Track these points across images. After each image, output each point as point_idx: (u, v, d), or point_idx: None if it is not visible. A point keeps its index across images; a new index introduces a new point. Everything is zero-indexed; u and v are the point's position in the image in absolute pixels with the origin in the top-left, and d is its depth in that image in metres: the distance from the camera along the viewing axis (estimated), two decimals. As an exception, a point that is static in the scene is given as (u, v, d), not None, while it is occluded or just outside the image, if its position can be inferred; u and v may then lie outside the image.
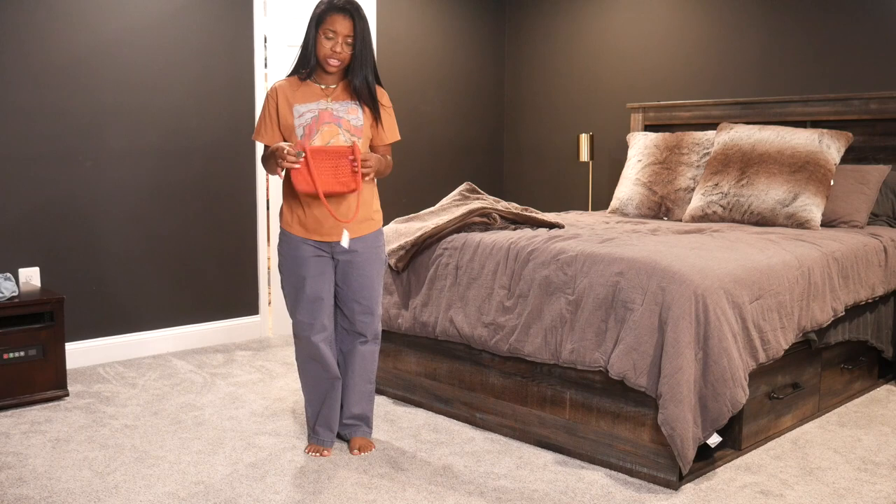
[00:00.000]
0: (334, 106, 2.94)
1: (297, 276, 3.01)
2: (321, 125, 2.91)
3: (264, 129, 2.98)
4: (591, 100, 5.83)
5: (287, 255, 3.03)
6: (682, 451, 2.74)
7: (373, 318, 3.12)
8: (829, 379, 3.67)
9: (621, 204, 4.87)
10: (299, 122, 2.92)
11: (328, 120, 2.92)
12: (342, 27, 2.85)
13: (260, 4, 4.86)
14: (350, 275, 3.04)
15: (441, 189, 4.85)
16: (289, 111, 2.93)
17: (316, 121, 2.91)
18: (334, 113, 2.94)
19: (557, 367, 3.14)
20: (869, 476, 2.94)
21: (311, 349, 3.05)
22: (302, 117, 2.92)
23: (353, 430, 3.19)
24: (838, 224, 4.17)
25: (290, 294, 3.05)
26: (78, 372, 4.19)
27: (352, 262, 3.03)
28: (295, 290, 3.02)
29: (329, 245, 3.01)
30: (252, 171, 4.90)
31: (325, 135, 2.91)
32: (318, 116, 2.92)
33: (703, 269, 2.91)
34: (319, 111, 2.93)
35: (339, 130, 2.93)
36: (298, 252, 3.00)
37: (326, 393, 3.11)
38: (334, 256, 3.03)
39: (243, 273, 4.94)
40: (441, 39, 5.85)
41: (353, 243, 3.01)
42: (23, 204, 4.07)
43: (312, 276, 3.00)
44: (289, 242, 3.02)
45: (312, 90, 2.95)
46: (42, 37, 4.07)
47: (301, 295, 3.01)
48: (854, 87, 4.61)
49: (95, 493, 2.75)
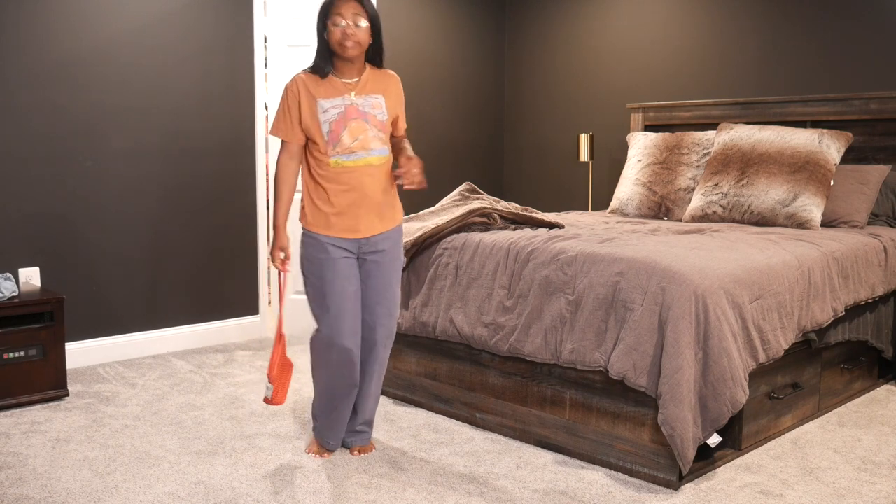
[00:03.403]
0: (359, 101, 2.86)
1: (324, 279, 2.88)
2: (348, 121, 2.84)
3: (283, 123, 2.88)
4: (591, 100, 5.83)
5: (313, 259, 2.90)
6: (682, 451, 2.74)
7: (392, 321, 3.03)
8: (829, 379, 3.67)
9: (621, 204, 4.87)
10: (324, 117, 2.83)
11: (355, 115, 2.85)
12: (347, 8, 2.78)
13: (260, 4, 4.86)
14: (375, 275, 2.95)
15: (441, 189, 4.84)
16: (312, 107, 2.84)
17: (342, 117, 2.83)
18: (360, 108, 2.86)
19: (557, 367, 3.14)
20: (869, 476, 2.94)
21: (343, 354, 2.92)
22: (327, 113, 2.83)
23: (362, 437, 3.13)
24: (838, 224, 4.17)
25: (317, 298, 2.91)
26: (78, 372, 4.19)
27: (379, 263, 2.95)
28: (323, 295, 2.89)
29: (357, 244, 2.91)
30: (252, 170, 4.90)
31: (353, 131, 2.84)
32: (345, 112, 2.84)
33: (703, 269, 2.91)
34: (346, 107, 2.84)
35: (367, 126, 2.86)
36: (326, 254, 2.88)
37: (343, 399, 3.00)
38: (360, 256, 2.94)
39: (243, 273, 4.94)
40: (441, 39, 5.85)
41: (381, 241, 2.94)
42: (23, 204, 4.07)
43: (342, 279, 2.88)
44: (314, 244, 2.90)
45: (335, 85, 2.86)
46: (42, 37, 4.07)
47: (330, 299, 2.87)
48: (854, 87, 4.61)
49: (95, 493, 2.75)
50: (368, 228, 2.90)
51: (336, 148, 2.83)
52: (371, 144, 2.87)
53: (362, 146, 2.85)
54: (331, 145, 2.83)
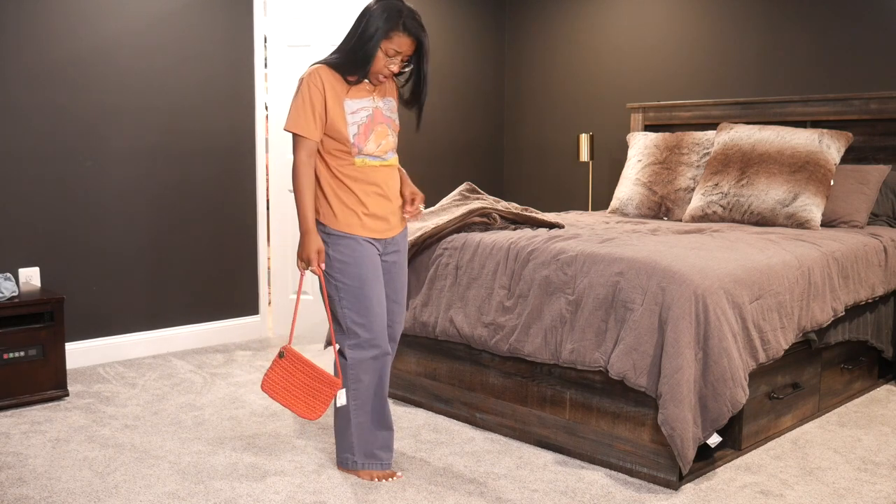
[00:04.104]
0: (381, 105, 2.82)
1: (364, 279, 2.76)
2: (376, 125, 2.78)
3: (305, 119, 2.70)
4: (591, 100, 5.83)
5: (350, 259, 2.75)
6: (682, 451, 2.74)
7: (403, 321, 2.98)
8: (829, 379, 3.67)
9: (621, 204, 4.87)
10: (353, 119, 2.73)
11: (381, 120, 2.80)
12: (408, 48, 2.69)
13: (260, 4, 4.86)
14: (395, 274, 2.90)
15: (441, 189, 4.84)
16: (338, 105, 2.72)
17: (371, 120, 2.77)
18: (384, 113, 2.82)
19: (557, 367, 3.14)
20: (869, 476, 2.94)
21: (386, 358, 2.82)
22: (356, 115, 2.74)
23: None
24: (838, 224, 4.17)
25: (356, 302, 2.76)
26: (78, 372, 4.19)
27: (397, 263, 2.90)
28: (363, 296, 2.76)
29: (383, 243, 2.85)
30: (252, 170, 4.90)
31: (378, 135, 2.78)
32: (374, 116, 2.78)
33: (703, 269, 2.91)
34: (373, 110, 2.78)
35: (389, 132, 2.82)
36: (364, 252, 2.77)
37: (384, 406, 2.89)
38: (382, 257, 2.86)
39: (243, 273, 4.94)
40: (441, 39, 5.85)
41: (400, 240, 2.91)
42: (23, 204, 4.07)
43: (377, 274, 2.80)
44: (350, 244, 2.76)
45: (360, 85, 2.78)
46: (42, 37, 4.07)
47: (371, 300, 2.77)
48: (854, 87, 4.61)
49: (95, 493, 2.75)
50: (394, 227, 2.88)
51: (363, 150, 2.77)
52: (391, 148, 2.85)
53: (384, 150, 2.82)
54: (357, 147, 2.76)
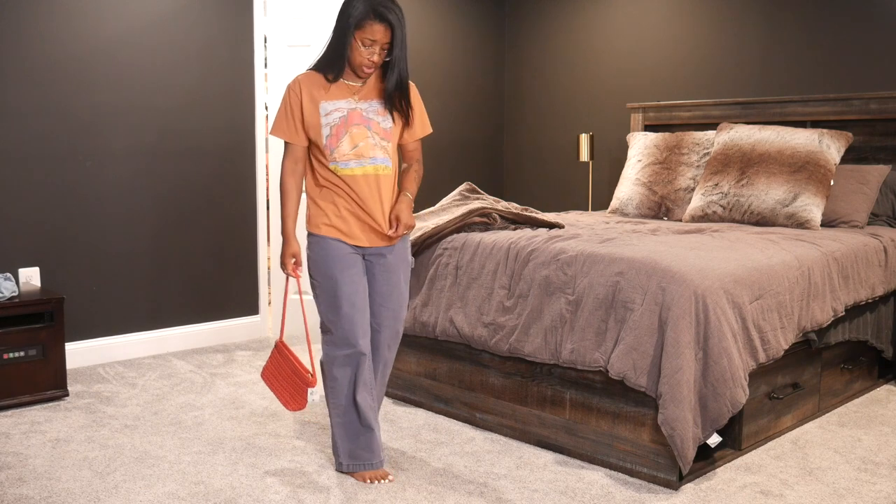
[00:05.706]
0: (363, 106, 2.76)
1: (334, 278, 2.77)
2: (350, 127, 2.74)
3: (285, 124, 2.77)
4: (591, 100, 5.83)
5: (320, 259, 2.79)
6: (682, 451, 2.74)
7: (398, 323, 2.93)
8: (829, 379, 3.67)
9: (621, 204, 4.87)
10: (326, 121, 2.73)
11: (357, 122, 2.75)
12: (382, 36, 2.67)
13: (260, 4, 4.86)
14: (380, 277, 2.86)
15: (441, 189, 4.84)
16: (314, 108, 2.74)
17: (345, 122, 2.73)
18: (364, 114, 2.76)
19: (557, 367, 3.14)
20: (869, 476, 2.94)
21: (359, 357, 2.80)
22: (329, 116, 2.73)
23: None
24: (838, 224, 4.17)
25: (328, 300, 2.79)
26: (78, 372, 4.19)
27: (383, 265, 2.86)
28: (334, 295, 2.77)
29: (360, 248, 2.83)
30: (252, 170, 4.90)
31: (354, 137, 2.74)
32: (347, 117, 2.74)
33: (703, 269, 2.91)
34: (348, 111, 2.75)
35: (369, 133, 2.75)
36: (332, 251, 2.78)
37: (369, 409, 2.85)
38: (365, 257, 2.85)
39: (243, 273, 4.94)
40: (441, 39, 5.85)
41: (385, 249, 2.85)
42: (23, 204, 4.07)
43: (349, 272, 2.78)
44: (321, 244, 2.79)
45: (339, 87, 2.76)
46: (42, 37, 4.07)
47: (340, 299, 2.76)
48: (854, 87, 4.61)
49: (95, 493, 2.75)
50: (373, 242, 2.83)
51: (334, 154, 2.74)
52: (371, 153, 2.76)
53: (361, 154, 2.75)
54: (328, 150, 2.74)
